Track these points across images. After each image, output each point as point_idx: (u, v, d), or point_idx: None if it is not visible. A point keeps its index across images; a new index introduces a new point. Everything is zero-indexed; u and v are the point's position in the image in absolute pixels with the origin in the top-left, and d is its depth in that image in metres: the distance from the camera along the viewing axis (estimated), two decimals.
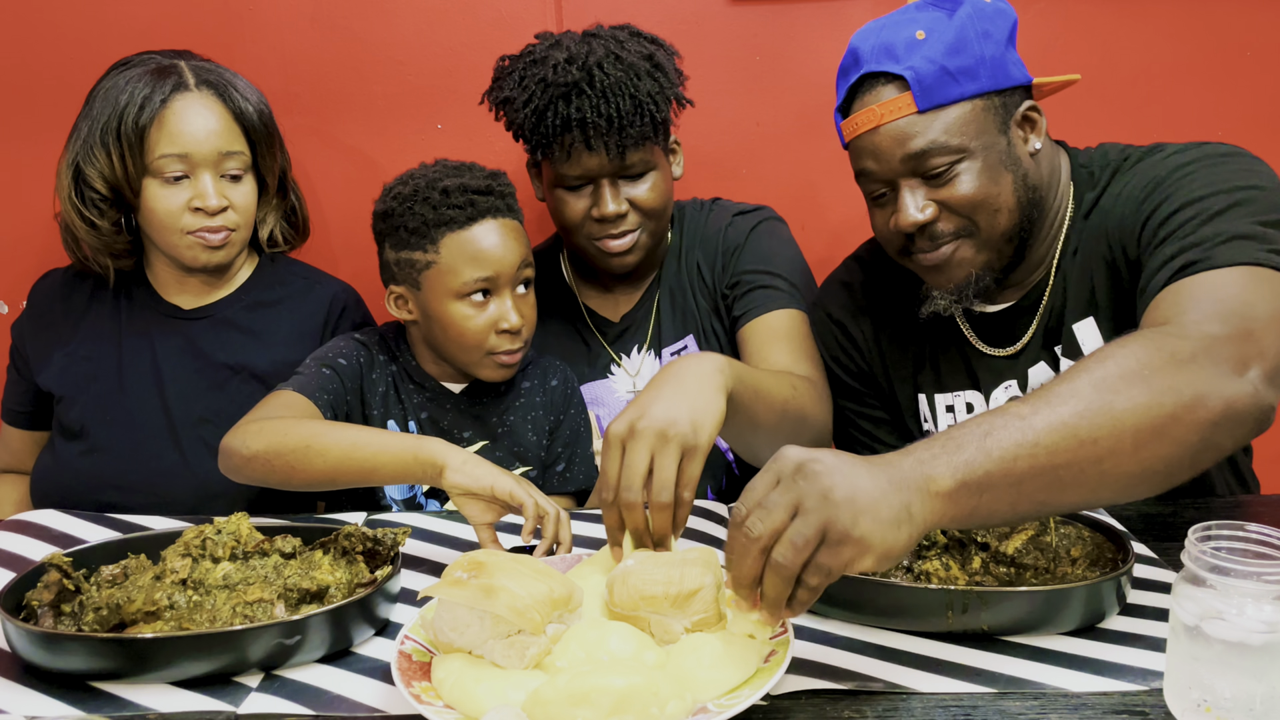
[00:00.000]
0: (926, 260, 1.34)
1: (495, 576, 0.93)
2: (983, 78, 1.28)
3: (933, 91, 1.27)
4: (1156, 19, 1.90)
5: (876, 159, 1.31)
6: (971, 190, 1.29)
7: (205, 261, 1.58)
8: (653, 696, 0.83)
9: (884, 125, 1.29)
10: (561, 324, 1.74)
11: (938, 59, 1.27)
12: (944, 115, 1.27)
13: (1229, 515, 0.98)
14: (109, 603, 1.03)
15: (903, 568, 1.07)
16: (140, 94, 1.51)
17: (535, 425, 1.58)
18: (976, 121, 1.28)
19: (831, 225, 1.96)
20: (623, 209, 1.56)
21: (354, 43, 1.91)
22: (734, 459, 1.70)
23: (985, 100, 1.29)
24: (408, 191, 1.48)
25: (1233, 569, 0.81)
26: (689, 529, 1.32)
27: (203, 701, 0.95)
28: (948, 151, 1.28)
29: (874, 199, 1.37)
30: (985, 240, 1.32)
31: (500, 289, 1.47)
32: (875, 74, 1.30)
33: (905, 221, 1.31)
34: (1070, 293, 1.38)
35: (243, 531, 1.12)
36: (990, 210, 1.30)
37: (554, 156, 1.54)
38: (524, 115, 1.53)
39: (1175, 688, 0.85)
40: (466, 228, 1.45)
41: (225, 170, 1.55)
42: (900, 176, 1.31)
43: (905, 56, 1.28)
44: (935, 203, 1.30)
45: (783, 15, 1.92)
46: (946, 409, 1.49)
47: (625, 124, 1.50)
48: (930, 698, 0.92)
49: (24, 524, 1.39)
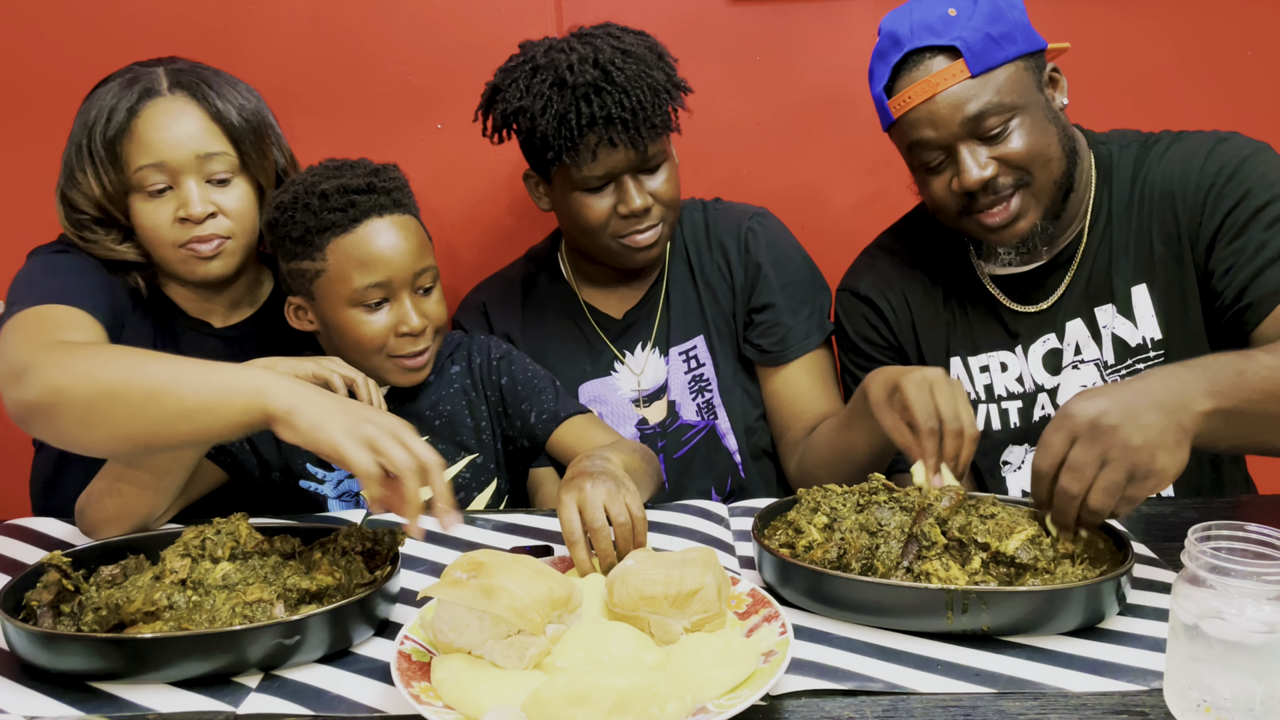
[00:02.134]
0: (991, 218, 1.41)
1: (495, 576, 0.93)
2: (1020, 41, 1.38)
3: (983, 56, 1.35)
4: (1156, 18, 1.90)
5: (935, 126, 1.38)
6: (1027, 144, 1.38)
7: (203, 275, 1.47)
8: (653, 696, 0.83)
9: (940, 93, 1.36)
10: (562, 321, 1.72)
11: (982, 27, 1.36)
12: (994, 77, 1.36)
13: (1229, 515, 0.98)
14: (108, 603, 1.03)
15: (903, 568, 1.07)
16: (108, 107, 1.43)
17: (473, 408, 1.55)
18: (1022, 80, 1.38)
19: (831, 225, 1.96)
20: (648, 202, 1.55)
21: (354, 43, 1.91)
22: (740, 461, 1.69)
23: (1024, 61, 1.39)
24: (288, 199, 1.42)
25: (1232, 569, 0.81)
26: (689, 529, 1.32)
27: (202, 702, 0.95)
28: (1002, 110, 1.36)
29: (929, 168, 1.43)
30: (1041, 188, 1.41)
31: (397, 292, 1.41)
32: (920, 49, 1.37)
33: (970, 180, 1.38)
34: (1118, 254, 1.47)
35: (242, 532, 1.11)
36: (1044, 160, 1.39)
37: (577, 159, 1.51)
38: (544, 121, 1.49)
39: (1175, 688, 0.85)
40: (350, 231, 1.39)
41: (210, 174, 1.44)
42: (959, 140, 1.38)
43: (947, 30, 1.36)
44: (995, 160, 1.38)
45: (783, 15, 1.92)
46: (981, 369, 1.56)
47: (648, 115, 1.50)
48: (930, 698, 0.92)
49: (21, 529, 1.39)
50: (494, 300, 1.74)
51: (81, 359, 1.16)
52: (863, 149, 1.96)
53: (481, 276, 1.80)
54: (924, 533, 1.08)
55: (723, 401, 1.68)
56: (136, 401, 1.10)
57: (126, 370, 1.12)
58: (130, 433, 1.12)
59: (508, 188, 1.97)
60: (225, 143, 1.46)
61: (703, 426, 1.68)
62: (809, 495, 1.19)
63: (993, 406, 1.55)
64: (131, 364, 1.13)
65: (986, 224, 1.42)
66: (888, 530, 1.10)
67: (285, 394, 1.08)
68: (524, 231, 1.98)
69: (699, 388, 1.68)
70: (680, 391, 1.69)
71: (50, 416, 1.14)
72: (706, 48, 1.91)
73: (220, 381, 1.10)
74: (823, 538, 1.12)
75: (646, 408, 1.69)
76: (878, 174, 1.97)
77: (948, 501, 1.10)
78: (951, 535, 1.08)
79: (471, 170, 1.96)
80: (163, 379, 1.11)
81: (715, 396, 1.68)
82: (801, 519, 1.16)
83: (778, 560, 1.09)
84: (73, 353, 1.17)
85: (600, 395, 1.70)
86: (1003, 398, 1.54)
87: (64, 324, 1.30)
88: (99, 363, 1.14)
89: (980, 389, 1.55)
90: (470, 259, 2.00)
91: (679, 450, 1.68)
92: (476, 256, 2.00)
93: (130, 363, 1.14)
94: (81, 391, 1.12)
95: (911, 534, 1.09)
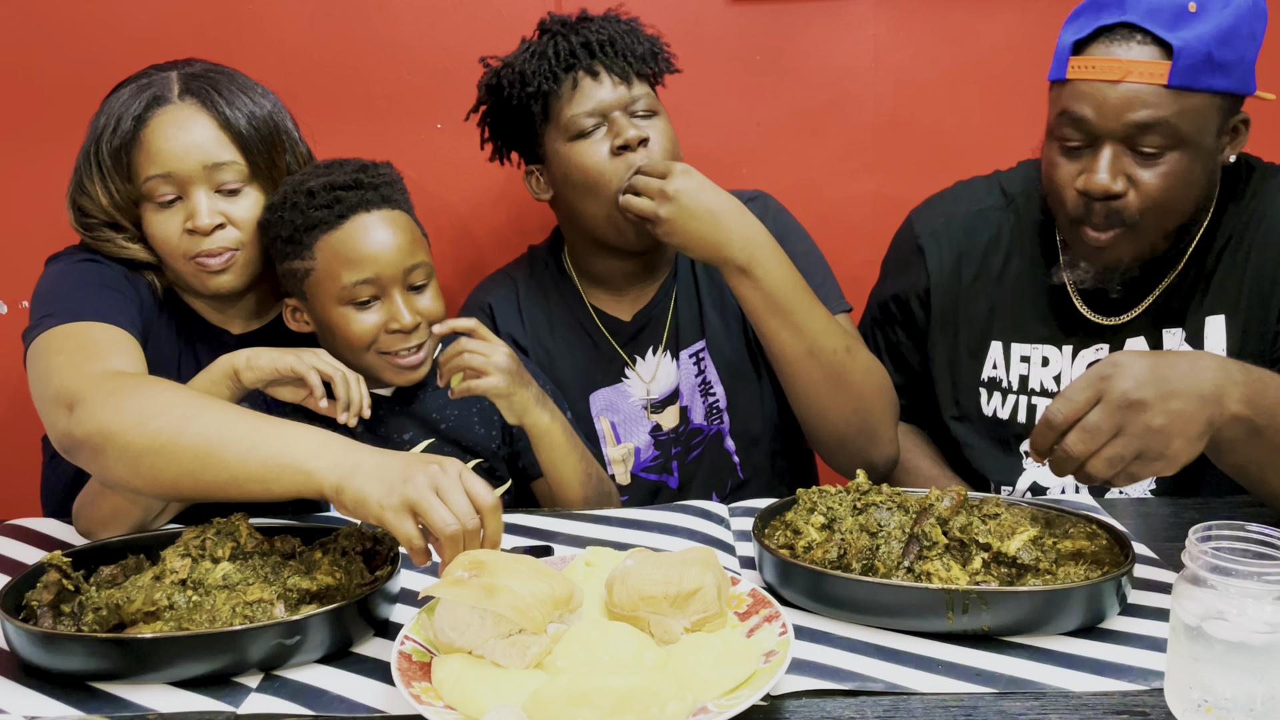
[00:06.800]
0: (1091, 237, 1.34)
1: (497, 575, 0.93)
2: (1235, 78, 1.27)
3: (1190, 73, 1.24)
4: None
5: (1099, 111, 1.28)
6: (1165, 185, 1.29)
7: (214, 288, 1.43)
8: (653, 696, 0.83)
9: (1126, 82, 1.26)
10: (568, 326, 1.67)
11: (1208, 42, 1.24)
12: (1187, 99, 1.26)
13: (1229, 515, 0.98)
14: (108, 603, 1.03)
15: (903, 568, 1.07)
16: (116, 115, 1.40)
17: (483, 417, 1.52)
18: (1209, 118, 1.27)
19: (831, 225, 1.96)
20: (644, 134, 1.50)
21: (354, 43, 1.91)
22: (739, 461, 1.68)
23: (1224, 100, 1.28)
24: (277, 200, 1.40)
25: (1233, 569, 0.81)
26: (689, 529, 1.32)
27: (202, 702, 0.95)
28: (1171, 136, 1.26)
29: (1067, 147, 1.34)
30: (1145, 230, 1.33)
31: (387, 289, 1.38)
32: (1136, 26, 1.26)
33: (1096, 184, 1.30)
34: (1209, 285, 1.40)
35: (242, 532, 1.11)
36: (1167, 211, 1.31)
37: (561, 97, 1.51)
38: (524, 61, 1.52)
39: (1176, 688, 0.85)
40: (337, 227, 1.37)
41: (219, 184, 1.41)
42: (1111, 138, 1.29)
43: (1174, 25, 1.24)
44: (1128, 177, 1.30)
45: (783, 15, 1.92)
46: (1021, 359, 1.50)
47: (628, 44, 1.52)
48: (930, 698, 0.92)
49: (22, 529, 1.39)
50: (499, 301, 1.69)
51: (133, 402, 1.13)
52: (863, 149, 1.96)
53: (480, 276, 1.79)
54: (925, 533, 1.08)
55: (727, 404, 1.66)
56: (185, 462, 1.09)
57: (178, 424, 1.10)
58: (179, 489, 1.12)
59: (507, 188, 1.97)
60: (234, 151, 1.42)
61: (711, 431, 1.66)
62: (806, 495, 1.19)
63: (1022, 398, 1.51)
64: (184, 416, 1.11)
65: (1084, 238, 1.36)
66: (888, 531, 1.10)
67: (331, 473, 1.03)
68: (524, 232, 1.98)
69: (706, 389, 1.66)
70: (691, 395, 1.66)
71: (97, 457, 1.14)
72: (706, 48, 1.91)
73: (268, 453, 1.06)
74: (821, 538, 1.12)
75: (659, 414, 1.66)
76: (878, 174, 1.97)
77: (949, 502, 1.10)
78: (953, 535, 1.08)
79: (471, 170, 1.95)
80: (211, 440, 1.08)
81: (721, 400, 1.66)
82: (799, 519, 1.16)
83: (778, 560, 1.09)
84: (123, 392, 1.15)
85: (612, 403, 1.66)
86: (1035, 392, 1.50)
87: (106, 346, 1.28)
88: (151, 410, 1.12)
89: (1015, 378, 1.51)
90: (470, 259, 2.00)
91: (690, 455, 1.66)
92: (476, 256, 2.00)
93: (182, 414, 1.11)
94: (131, 441, 1.11)
95: (913, 534, 1.09)
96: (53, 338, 1.29)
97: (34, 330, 1.32)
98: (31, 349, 1.31)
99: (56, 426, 1.18)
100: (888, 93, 1.96)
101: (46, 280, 1.42)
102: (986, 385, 1.55)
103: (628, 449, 1.66)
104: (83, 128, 1.46)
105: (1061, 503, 1.36)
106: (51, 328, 1.30)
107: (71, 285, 1.39)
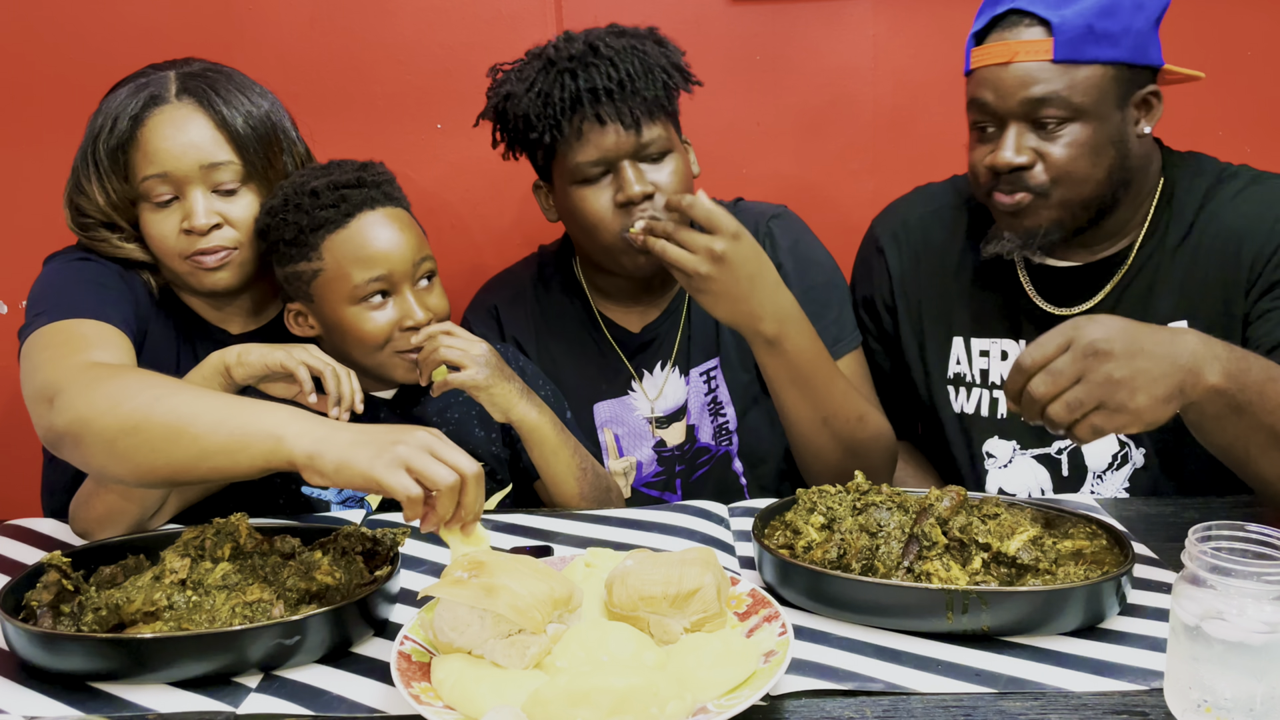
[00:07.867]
0: (1000, 198, 1.39)
1: (496, 575, 0.93)
2: (1123, 47, 1.32)
3: (1072, 45, 1.30)
4: None
5: (996, 93, 1.35)
6: (1070, 155, 1.34)
7: (211, 286, 1.43)
8: (653, 696, 0.83)
9: (1015, 63, 1.32)
10: (577, 335, 1.64)
11: (1088, 15, 1.30)
12: (1075, 72, 1.31)
13: (1229, 515, 0.98)
14: (108, 603, 1.03)
15: (903, 568, 1.07)
16: (113, 115, 1.39)
17: (483, 419, 1.52)
18: (1101, 88, 1.32)
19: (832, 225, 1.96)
20: (649, 189, 1.44)
21: (354, 43, 1.91)
22: (746, 484, 1.66)
23: (1117, 70, 1.33)
24: (278, 203, 1.39)
25: (1233, 569, 0.81)
26: (689, 529, 1.32)
27: (202, 702, 0.95)
28: (1066, 107, 1.32)
29: (978, 131, 1.40)
30: (1058, 203, 1.37)
31: (398, 286, 1.38)
32: (1023, 11, 1.33)
33: (1001, 160, 1.35)
34: (1161, 283, 1.43)
35: (242, 532, 1.11)
36: (1076, 179, 1.35)
37: (566, 142, 1.44)
38: (528, 101, 1.44)
39: (1175, 688, 0.85)
40: (344, 226, 1.37)
41: (216, 184, 1.40)
42: (1012, 117, 1.35)
43: (1057, 4, 1.31)
44: (1034, 150, 1.35)
45: (783, 15, 1.92)
46: (981, 353, 1.53)
47: (637, 88, 1.42)
48: (930, 698, 0.92)
49: (22, 529, 1.39)
50: (506, 303, 1.67)
51: (106, 388, 1.13)
52: (863, 149, 1.96)
53: (481, 277, 1.79)
54: (925, 533, 1.08)
55: (738, 427, 1.63)
56: (157, 439, 1.08)
57: (148, 404, 1.10)
58: (154, 469, 1.10)
59: (508, 188, 1.97)
60: (231, 151, 1.41)
61: (719, 451, 1.64)
62: (806, 495, 1.19)
63: (984, 392, 1.54)
64: (155, 396, 1.11)
65: (997, 204, 1.40)
66: (888, 531, 1.10)
67: (304, 439, 1.03)
68: (524, 232, 1.98)
69: (716, 409, 1.63)
70: (700, 414, 1.63)
71: (78, 446, 1.14)
72: (706, 48, 1.91)
73: (236, 424, 1.06)
74: (820, 538, 1.12)
75: (664, 429, 1.64)
76: (878, 174, 1.97)
77: (949, 502, 1.10)
78: (952, 535, 1.08)
79: (471, 170, 1.95)
80: (182, 416, 1.08)
81: (731, 421, 1.63)
82: (798, 519, 1.16)
83: (778, 560, 1.09)
84: (99, 380, 1.15)
85: (617, 415, 1.64)
86: (995, 385, 1.53)
87: (92, 341, 1.28)
88: (124, 394, 1.12)
89: (976, 372, 1.54)
90: (470, 259, 2.00)
91: (695, 474, 1.65)
92: (476, 257, 2.00)
93: (153, 395, 1.11)
94: (105, 425, 1.10)
95: (913, 534, 1.09)
96: (42, 335, 1.29)
97: (28, 329, 1.33)
98: (23, 348, 1.31)
99: (41, 421, 1.18)
100: (888, 93, 1.96)
101: (42, 280, 1.43)
102: (953, 382, 1.58)
103: (629, 462, 1.65)
104: (82, 127, 1.46)
105: (1061, 503, 1.36)
106: (43, 326, 1.30)
107: (65, 284, 1.39)
